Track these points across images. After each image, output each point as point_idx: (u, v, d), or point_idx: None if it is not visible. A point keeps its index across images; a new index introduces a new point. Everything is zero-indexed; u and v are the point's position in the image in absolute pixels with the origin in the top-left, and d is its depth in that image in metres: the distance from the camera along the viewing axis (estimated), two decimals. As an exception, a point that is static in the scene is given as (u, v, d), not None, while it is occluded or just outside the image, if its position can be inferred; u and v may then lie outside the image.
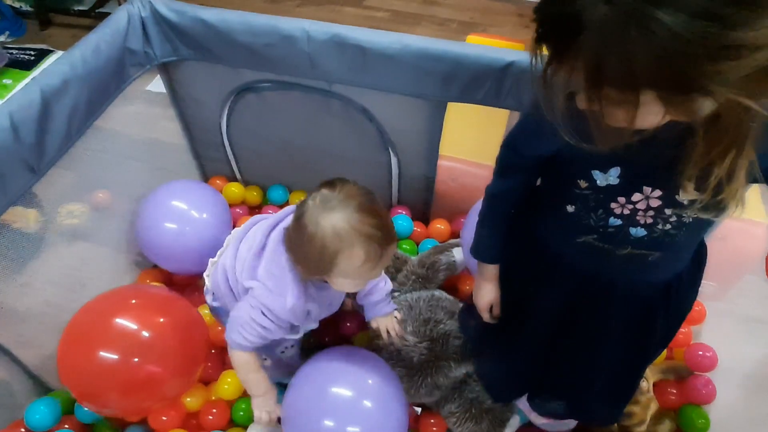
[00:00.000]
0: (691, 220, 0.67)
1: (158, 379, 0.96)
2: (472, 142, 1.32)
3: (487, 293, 0.91)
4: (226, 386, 1.13)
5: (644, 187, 0.65)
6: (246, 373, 0.93)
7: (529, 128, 0.73)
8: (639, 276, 0.75)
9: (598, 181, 0.66)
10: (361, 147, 1.33)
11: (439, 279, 1.25)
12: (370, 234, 0.78)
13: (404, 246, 1.39)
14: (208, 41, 1.17)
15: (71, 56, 1.03)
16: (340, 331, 1.24)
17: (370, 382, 0.92)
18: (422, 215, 1.49)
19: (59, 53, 2.04)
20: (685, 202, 0.64)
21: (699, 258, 0.79)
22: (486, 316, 0.93)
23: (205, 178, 1.60)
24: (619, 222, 0.69)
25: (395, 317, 1.07)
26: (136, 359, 0.94)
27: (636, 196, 0.66)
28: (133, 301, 1.02)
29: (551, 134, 0.56)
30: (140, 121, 1.39)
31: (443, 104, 1.16)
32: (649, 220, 0.67)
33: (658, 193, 0.65)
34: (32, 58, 2.07)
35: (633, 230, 0.69)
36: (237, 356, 0.92)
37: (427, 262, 1.22)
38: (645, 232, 0.68)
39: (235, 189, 1.53)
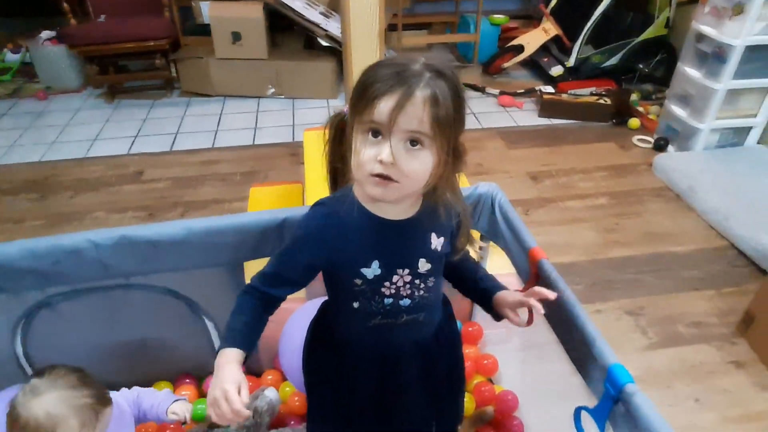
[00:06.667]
0: (432, 284, 0.93)
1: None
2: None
3: (234, 372, 0.82)
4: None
5: (399, 269, 0.89)
6: None
7: (304, 241, 0.88)
8: (417, 335, 0.97)
9: (367, 276, 0.88)
10: (177, 324, 1.38)
11: (266, 422, 1.34)
12: (81, 404, 0.95)
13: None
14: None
15: None
16: None
17: None
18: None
19: None
20: (424, 272, 0.91)
21: (448, 309, 1.06)
22: (236, 398, 0.79)
23: None
24: (391, 300, 0.91)
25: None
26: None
27: (395, 278, 0.90)
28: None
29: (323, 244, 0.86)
30: None
31: (240, 265, 1.30)
32: (409, 291, 0.92)
33: (407, 271, 0.90)
34: None
35: (402, 302, 0.92)
36: None
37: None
38: (409, 301, 0.92)
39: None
